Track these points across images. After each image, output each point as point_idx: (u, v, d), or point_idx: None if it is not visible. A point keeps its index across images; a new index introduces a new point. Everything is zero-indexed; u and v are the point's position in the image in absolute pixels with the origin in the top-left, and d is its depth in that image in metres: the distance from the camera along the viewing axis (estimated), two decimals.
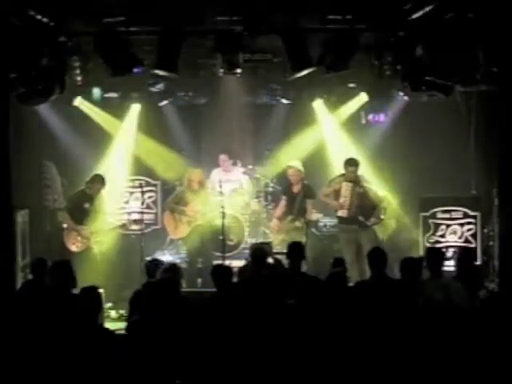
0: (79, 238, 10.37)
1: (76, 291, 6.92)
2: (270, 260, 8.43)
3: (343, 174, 10.54)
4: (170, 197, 11.25)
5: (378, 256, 7.16)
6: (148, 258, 10.19)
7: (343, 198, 10.45)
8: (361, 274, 9.53)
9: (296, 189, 10.92)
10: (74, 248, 10.33)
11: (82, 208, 10.44)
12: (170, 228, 11.12)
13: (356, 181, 10.42)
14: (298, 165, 10.97)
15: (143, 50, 8.87)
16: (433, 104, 10.12)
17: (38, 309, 6.77)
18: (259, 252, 8.06)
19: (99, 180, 10.56)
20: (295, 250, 7.74)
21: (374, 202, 10.48)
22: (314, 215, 10.91)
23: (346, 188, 10.45)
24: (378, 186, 10.82)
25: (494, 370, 5.61)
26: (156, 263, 7.78)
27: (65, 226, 10.59)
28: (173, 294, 6.32)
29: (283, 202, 11.09)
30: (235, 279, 7.35)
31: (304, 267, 7.93)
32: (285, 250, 9.60)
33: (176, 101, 12.00)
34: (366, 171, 10.88)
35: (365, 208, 10.43)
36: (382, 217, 10.61)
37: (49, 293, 7.12)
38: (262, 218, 11.61)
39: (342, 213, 10.50)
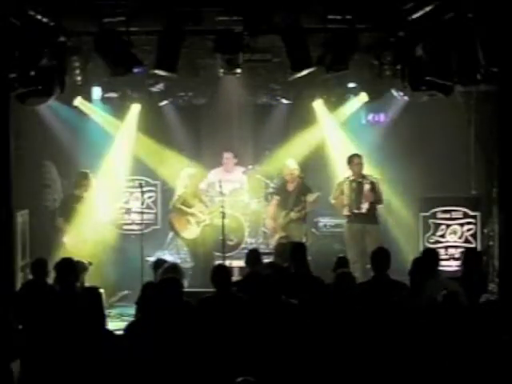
0: (75, 238, 10.26)
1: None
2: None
3: (347, 176, 10.59)
4: (174, 198, 11.06)
5: (381, 257, 7.14)
6: (151, 258, 10.23)
7: (345, 196, 10.50)
8: (363, 274, 9.52)
9: (291, 187, 10.97)
10: (69, 246, 10.21)
11: (73, 209, 10.35)
12: (179, 228, 10.89)
13: (359, 175, 10.49)
14: (293, 164, 10.99)
15: (143, 50, 8.87)
16: (433, 104, 10.12)
17: (38, 309, 6.77)
18: (253, 253, 8.09)
19: (82, 177, 10.52)
20: (298, 251, 7.72)
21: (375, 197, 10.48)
22: (311, 196, 10.76)
23: (345, 186, 10.52)
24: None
25: (493, 370, 5.61)
26: (162, 263, 7.77)
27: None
28: (173, 295, 6.31)
29: (274, 202, 11.13)
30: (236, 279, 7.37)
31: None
32: None
33: (176, 101, 12.00)
34: (366, 171, 10.88)
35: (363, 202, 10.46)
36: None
37: (49, 293, 7.13)
38: (262, 218, 11.62)
39: (345, 211, 10.55)
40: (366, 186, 10.42)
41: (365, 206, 10.42)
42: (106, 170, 11.50)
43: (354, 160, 10.56)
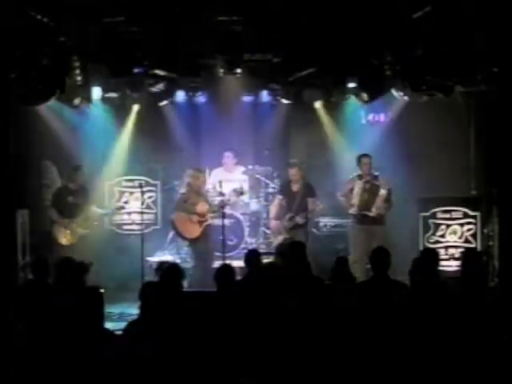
0: (68, 232, 10.45)
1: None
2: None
3: (359, 175, 10.57)
4: (177, 197, 11.07)
5: (381, 257, 7.13)
6: (151, 258, 10.24)
7: (354, 195, 10.47)
8: (363, 274, 9.51)
9: (296, 187, 10.90)
10: (64, 241, 10.40)
11: (65, 202, 10.51)
12: (182, 228, 10.77)
13: (369, 175, 10.47)
14: (297, 163, 10.97)
15: (143, 50, 8.87)
16: (433, 104, 10.12)
17: (38, 309, 6.77)
18: (253, 253, 8.07)
19: (75, 170, 10.67)
20: (298, 250, 7.70)
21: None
22: (318, 207, 10.75)
23: (357, 186, 10.47)
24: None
25: (493, 370, 5.61)
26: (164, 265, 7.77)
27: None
28: (173, 295, 6.32)
29: (277, 201, 11.07)
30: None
31: None
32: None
33: (176, 101, 12.01)
34: None
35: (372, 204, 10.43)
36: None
37: (49, 293, 7.13)
38: (262, 217, 11.62)
39: (352, 210, 10.52)
40: (382, 192, 10.35)
41: (374, 211, 10.38)
42: (106, 170, 11.50)
43: (363, 160, 10.51)
